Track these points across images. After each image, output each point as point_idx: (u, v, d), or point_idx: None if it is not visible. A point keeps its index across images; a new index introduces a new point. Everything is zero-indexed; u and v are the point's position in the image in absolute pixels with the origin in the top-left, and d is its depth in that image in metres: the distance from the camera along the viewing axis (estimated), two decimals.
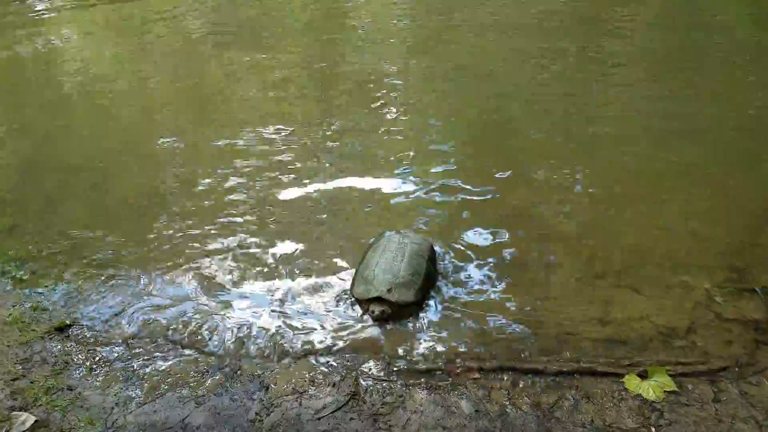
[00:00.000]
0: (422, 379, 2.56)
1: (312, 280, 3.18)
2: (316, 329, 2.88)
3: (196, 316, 3.02)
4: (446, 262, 3.22)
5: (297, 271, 3.25)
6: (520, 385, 2.48)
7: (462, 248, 3.32)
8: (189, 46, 6.94)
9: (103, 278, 3.32)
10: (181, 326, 2.96)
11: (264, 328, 2.91)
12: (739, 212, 3.44)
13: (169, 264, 3.37)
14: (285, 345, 2.80)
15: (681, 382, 2.42)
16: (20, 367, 2.76)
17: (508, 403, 2.40)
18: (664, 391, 2.37)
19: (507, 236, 3.37)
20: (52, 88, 6.19)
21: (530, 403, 2.39)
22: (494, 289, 3.02)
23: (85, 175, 4.37)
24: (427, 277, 3.01)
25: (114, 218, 3.85)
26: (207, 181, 4.19)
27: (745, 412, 2.27)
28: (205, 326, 2.95)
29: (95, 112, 5.47)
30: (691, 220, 3.37)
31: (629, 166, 4.01)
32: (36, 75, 6.53)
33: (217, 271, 3.29)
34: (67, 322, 3.04)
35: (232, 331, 2.90)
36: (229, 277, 3.25)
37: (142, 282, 3.27)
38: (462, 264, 3.21)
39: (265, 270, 3.29)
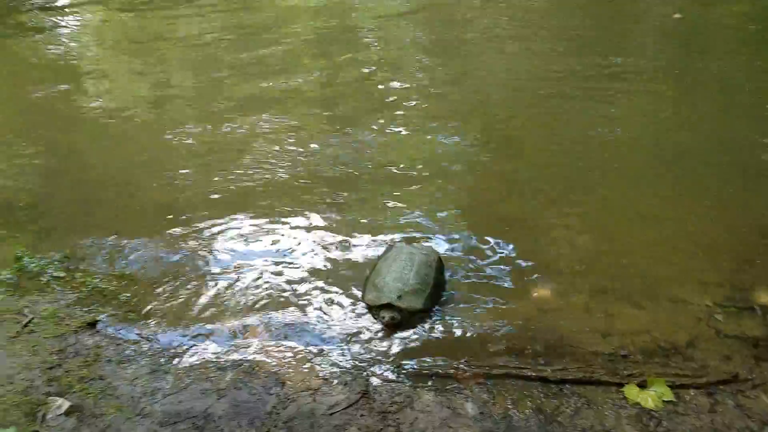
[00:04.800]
0: (429, 382, 2.70)
1: (327, 288, 3.34)
2: (329, 333, 3.03)
3: (219, 315, 3.20)
4: (453, 272, 3.35)
5: (314, 278, 3.41)
6: (524, 392, 2.61)
7: (469, 259, 3.45)
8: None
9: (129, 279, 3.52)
10: (202, 323, 3.14)
11: (281, 331, 3.07)
12: (740, 231, 3.52)
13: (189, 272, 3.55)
14: (300, 346, 2.96)
15: (679, 393, 2.52)
16: (56, 357, 2.96)
17: (511, 407, 2.53)
18: (663, 401, 2.48)
19: (512, 248, 3.49)
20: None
21: (533, 407, 2.51)
22: (501, 300, 3.14)
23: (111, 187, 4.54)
24: (436, 286, 3.16)
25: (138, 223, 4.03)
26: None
27: (741, 423, 2.37)
28: (227, 325, 3.12)
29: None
30: (693, 238, 3.46)
31: (633, 182, 4.09)
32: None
33: (237, 283, 3.45)
34: (97, 318, 3.23)
35: (251, 331, 3.07)
36: (251, 287, 3.41)
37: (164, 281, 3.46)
38: (470, 274, 3.33)
39: (286, 280, 3.44)
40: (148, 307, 3.30)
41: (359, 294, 3.23)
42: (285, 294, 3.33)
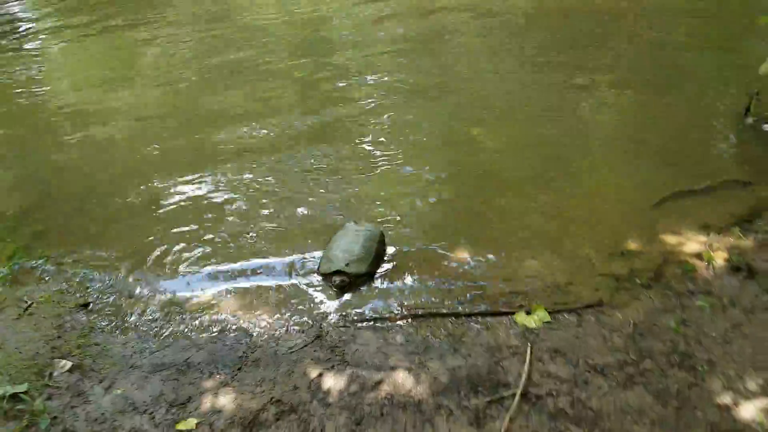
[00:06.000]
0: (369, 324, 3.40)
1: (290, 261, 4.00)
2: (291, 295, 3.70)
3: (197, 289, 3.83)
4: (393, 245, 4.06)
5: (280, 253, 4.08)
6: (440, 324, 3.33)
7: (406, 235, 4.17)
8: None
9: (117, 268, 4.11)
10: (183, 295, 3.77)
11: (249, 294, 3.73)
12: (623, 204, 4.33)
13: (167, 258, 4.16)
14: (267, 306, 3.62)
15: (556, 316, 3.29)
16: (55, 332, 3.53)
17: (430, 335, 3.25)
18: (543, 322, 3.25)
19: (441, 217, 4.23)
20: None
21: (446, 334, 3.24)
22: (428, 262, 3.87)
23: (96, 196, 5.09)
24: (377, 256, 3.86)
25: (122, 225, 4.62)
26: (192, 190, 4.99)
27: (597, 332, 3.15)
28: (204, 291, 3.76)
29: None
30: (588, 209, 4.24)
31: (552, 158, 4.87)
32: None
33: (212, 256, 4.10)
34: (88, 300, 3.82)
35: (223, 297, 3.72)
36: (223, 258, 4.06)
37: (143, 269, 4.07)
38: (405, 247, 4.04)
39: (257, 250, 4.12)
40: (136, 288, 3.90)
41: (316, 267, 3.89)
42: (255, 265, 3.98)
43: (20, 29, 10.32)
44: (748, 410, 2.60)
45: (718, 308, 3.21)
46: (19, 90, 7.61)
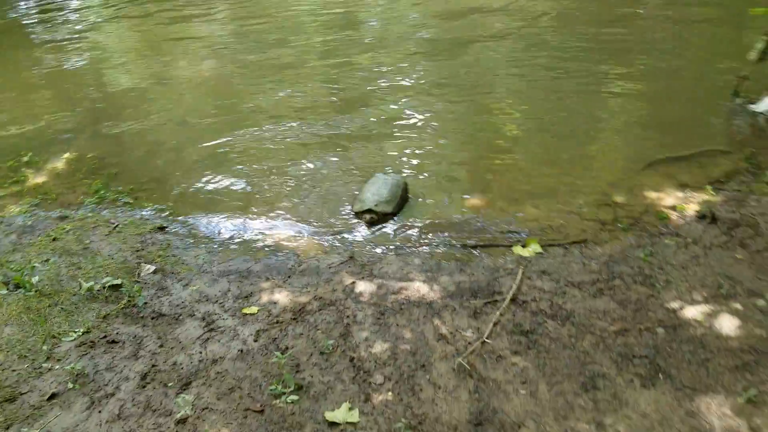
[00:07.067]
0: (392, 251, 4.17)
1: (330, 203, 4.79)
2: (330, 227, 4.49)
3: (254, 220, 4.64)
4: (414, 192, 4.81)
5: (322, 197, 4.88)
6: (451, 252, 4.08)
7: (424, 185, 4.92)
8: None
9: (183, 203, 4.95)
10: (243, 224, 4.59)
11: (298, 224, 4.53)
12: (616, 166, 5.01)
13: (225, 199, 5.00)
14: (310, 235, 4.41)
15: (547, 249, 4.01)
16: (139, 245, 4.38)
17: (442, 259, 4.00)
18: (535, 252, 3.97)
19: (456, 179, 4.97)
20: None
21: (455, 259, 3.99)
22: (443, 206, 4.62)
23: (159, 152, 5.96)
24: (402, 199, 4.62)
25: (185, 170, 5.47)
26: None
27: (578, 260, 3.86)
28: (260, 218, 4.57)
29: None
30: (581, 168, 4.95)
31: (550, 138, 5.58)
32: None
33: (264, 190, 4.91)
34: (164, 224, 4.66)
35: (275, 227, 4.52)
36: (274, 198, 4.87)
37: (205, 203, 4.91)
38: (425, 194, 4.79)
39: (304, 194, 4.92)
40: (202, 218, 4.73)
41: (350, 207, 4.67)
42: (301, 203, 4.78)
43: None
44: (690, 312, 3.29)
45: (682, 245, 3.89)
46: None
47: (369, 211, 4.49)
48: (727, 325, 3.21)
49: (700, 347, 3.09)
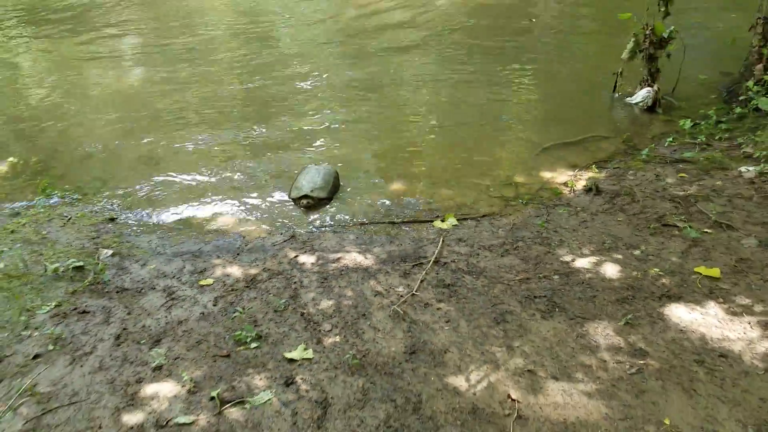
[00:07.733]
0: (329, 229, 4.73)
1: (270, 192, 5.29)
2: (271, 213, 4.99)
3: (199, 207, 5.06)
4: (345, 179, 5.40)
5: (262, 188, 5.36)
6: (382, 229, 4.70)
7: (355, 174, 5.52)
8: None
9: (129, 197, 5.29)
10: (189, 213, 5.00)
11: (240, 213, 4.99)
12: (515, 152, 5.83)
13: (172, 189, 5.38)
14: (254, 219, 4.89)
15: (461, 222, 4.71)
16: (94, 234, 4.70)
17: (374, 234, 4.61)
18: (452, 225, 4.66)
19: (381, 168, 5.60)
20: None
21: (385, 234, 4.61)
22: (371, 190, 5.24)
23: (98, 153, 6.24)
24: (334, 186, 5.20)
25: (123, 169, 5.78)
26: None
27: (488, 230, 4.57)
28: (204, 214, 5.00)
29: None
30: (488, 154, 5.73)
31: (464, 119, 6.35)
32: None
33: (204, 186, 5.33)
34: (114, 216, 5.00)
35: (220, 213, 4.97)
36: (213, 191, 5.30)
37: (150, 197, 5.27)
38: (354, 182, 5.39)
39: (242, 186, 5.36)
40: (149, 209, 5.10)
41: (286, 195, 5.19)
42: (241, 194, 5.25)
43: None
44: (580, 263, 4.06)
45: (573, 213, 4.70)
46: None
47: (305, 196, 5.03)
48: (610, 270, 3.99)
49: (588, 288, 3.84)
